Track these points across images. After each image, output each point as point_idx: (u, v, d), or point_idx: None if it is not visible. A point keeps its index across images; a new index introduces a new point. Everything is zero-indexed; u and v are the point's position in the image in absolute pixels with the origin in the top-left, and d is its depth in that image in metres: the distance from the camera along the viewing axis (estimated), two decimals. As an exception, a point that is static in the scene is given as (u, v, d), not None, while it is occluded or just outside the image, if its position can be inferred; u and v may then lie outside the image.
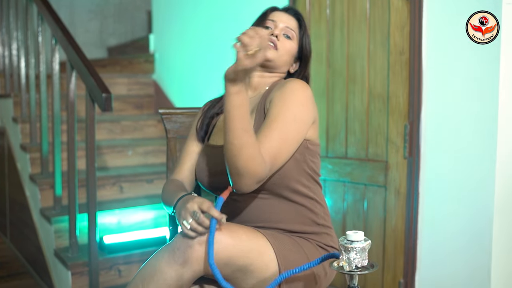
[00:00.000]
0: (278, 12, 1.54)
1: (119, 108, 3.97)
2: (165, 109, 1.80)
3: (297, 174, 1.40)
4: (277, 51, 1.46)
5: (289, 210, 1.42)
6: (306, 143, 1.41)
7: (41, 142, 2.92)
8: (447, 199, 2.11)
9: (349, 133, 2.51)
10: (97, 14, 5.15)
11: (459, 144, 2.06)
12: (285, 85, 1.39)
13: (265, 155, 1.26)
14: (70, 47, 2.48)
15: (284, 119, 1.32)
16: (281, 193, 1.39)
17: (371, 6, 2.37)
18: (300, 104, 1.35)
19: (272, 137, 1.29)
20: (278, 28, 1.48)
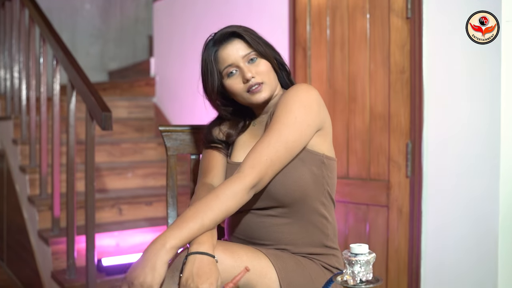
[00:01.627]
0: (221, 50, 1.39)
1: (120, 131, 3.96)
2: (165, 127, 1.79)
3: (318, 192, 1.37)
4: (263, 87, 1.37)
5: (300, 232, 1.38)
6: (322, 157, 1.37)
7: (40, 163, 2.90)
8: (450, 218, 2.08)
9: (350, 152, 2.49)
10: (98, 38, 5.19)
11: (461, 161, 2.04)
12: (290, 90, 1.37)
13: (253, 163, 1.25)
14: (71, 67, 2.49)
15: (284, 122, 1.30)
16: (299, 212, 1.36)
17: (371, 26, 2.38)
18: (302, 106, 1.32)
19: (270, 142, 1.28)
20: (241, 66, 1.37)
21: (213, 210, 1.22)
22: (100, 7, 5.21)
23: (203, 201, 1.23)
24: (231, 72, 1.39)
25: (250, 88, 1.37)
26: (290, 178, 1.32)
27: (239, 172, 1.26)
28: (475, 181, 2.00)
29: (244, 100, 1.41)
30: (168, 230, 1.18)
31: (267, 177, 1.28)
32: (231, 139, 1.49)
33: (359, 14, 2.43)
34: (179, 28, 3.95)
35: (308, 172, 1.34)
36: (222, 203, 1.22)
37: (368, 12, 2.39)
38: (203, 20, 3.64)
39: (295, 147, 1.31)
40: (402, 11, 2.23)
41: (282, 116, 1.30)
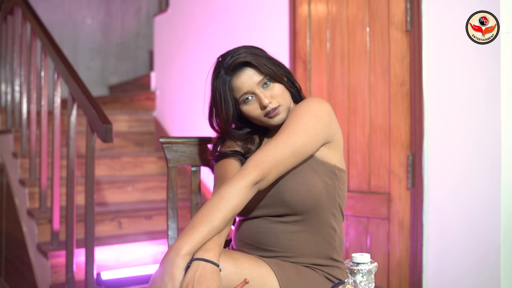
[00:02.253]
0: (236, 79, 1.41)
1: (120, 144, 3.97)
2: (166, 138, 1.79)
3: (330, 203, 1.39)
4: (281, 107, 1.41)
5: (309, 241, 1.39)
6: (334, 169, 1.40)
7: (40, 176, 2.90)
8: (452, 230, 2.07)
9: (351, 165, 2.49)
10: (99, 53, 5.22)
11: (463, 173, 2.04)
12: (302, 102, 1.41)
13: (257, 162, 1.27)
14: (72, 80, 2.50)
15: (294, 127, 1.33)
16: (310, 221, 1.37)
17: (370, 39, 2.39)
18: (313, 115, 1.35)
19: (277, 144, 1.31)
20: (257, 93, 1.39)
21: (220, 210, 1.23)
22: (101, 22, 5.25)
23: (209, 203, 1.25)
24: (247, 98, 1.42)
25: (268, 113, 1.40)
26: (304, 186, 1.34)
27: (242, 169, 1.28)
28: (476, 193, 1.99)
29: (262, 123, 1.45)
30: (180, 238, 1.20)
31: (270, 176, 1.30)
32: (251, 152, 1.50)
33: (359, 27, 2.45)
34: (180, 42, 3.97)
35: (321, 182, 1.36)
36: (228, 201, 1.24)
37: (368, 25, 2.41)
38: (203, 33, 3.66)
39: (302, 152, 1.33)
40: (402, 24, 2.25)
41: (293, 123, 1.34)
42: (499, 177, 1.91)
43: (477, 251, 1.98)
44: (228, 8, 3.41)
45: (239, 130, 1.50)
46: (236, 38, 3.29)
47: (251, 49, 1.43)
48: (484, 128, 1.96)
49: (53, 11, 4.95)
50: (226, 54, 1.44)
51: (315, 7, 2.65)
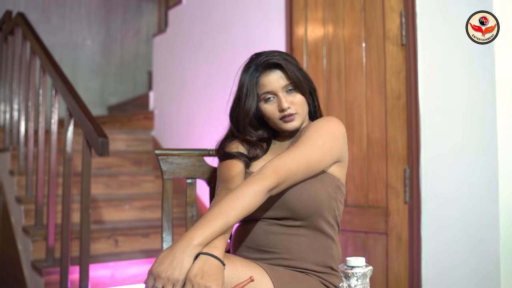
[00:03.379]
0: (264, 77, 1.48)
1: (118, 163, 3.96)
2: (161, 150, 1.79)
3: (328, 212, 1.42)
4: (296, 117, 1.47)
5: (308, 246, 1.41)
6: (338, 182, 1.45)
7: (36, 194, 2.88)
8: (450, 244, 2.05)
9: (348, 180, 2.47)
10: (99, 74, 5.25)
11: (460, 186, 2.02)
12: (320, 120, 1.46)
13: (276, 169, 1.30)
14: (69, 95, 2.51)
15: (313, 144, 1.37)
16: (309, 227, 1.40)
17: (366, 54, 2.41)
18: (331, 135, 1.41)
19: (295, 156, 1.34)
20: (280, 96, 1.46)
21: (236, 209, 1.24)
22: (101, 43, 5.30)
23: (226, 201, 1.25)
24: (269, 98, 1.48)
25: (284, 117, 1.46)
26: (307, 192, 1.37)
27: (261, 173, 1.30)
28: (474, 206, 1.97)
29: (275, 125, 1.50)
30: (193, 229, 1.21)
31: (284, 185, 1.33)
32: (257, 158, 1.53)
33: (355, 43, 2.46)
34: (178, 62, 4.00)
35: (324, 191, 1.40)
36: (244, 202, 1.25)
37: (364, 40, 2.42)
38: (201, 53, 3.69)
39: (316, 167, 1.38)
40: (397, 38, 2.27)
41: (313, 139, 1.39)
42: (497, 189, 1.89)
43: (477, 264, 1.96)
44: (226, 27, 3.44)
45: (253, 130, 1.54)
46: (234, 56, 3.32)
47: (285, 54, 1.50)
48: (481, 140, 1.95)
49: (53, 32, 5.01)
50: (261, 53, 1.52)
51: (312, 25, 2.68)
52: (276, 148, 1.55)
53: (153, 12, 5.45)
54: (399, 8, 2.25)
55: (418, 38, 2.17)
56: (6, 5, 4.42)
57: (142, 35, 5.45)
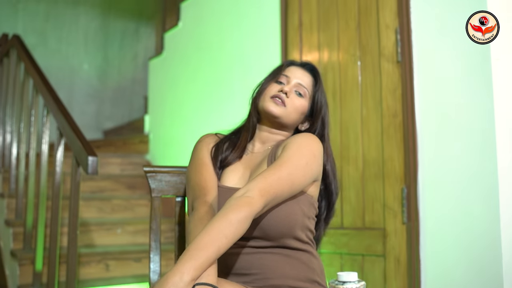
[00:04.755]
0: (294, 67, 1.51)
1: (111, 187, 3.89)
2: (150, 167, 1.73)
3: (300, 229, 1.36)
4: (285, 108, 1.43)
5: (286, 263, 1.34)
6: (312, 200, 1.40)
7: (25, 217, 2.81)
8: (451, 265, 1.97)
9: (344, 201, 2.41)
10: (95, 98, 5.24)
11: (460, 205, 1.96)
12: (301, 135, 1.41)
13: (262, 192, 1.23)
14: (60, 113, 2.46)
15: (296, 163, 1.31)
16: (284, 244, 1.33)
17: (362, 72, 2.37)
18: (313, 155, 1.35)
19: (280, 177, 1.27)
20: (290, 85, 1.46)
21: (228, 237, 1.15)
22: (98, 68, 5.30)
23: (216, 227, 1.16)
24: (281, 82, 1.47)
25: (275, 96, 1.43)
26: (283, 213, 1.31)
27: (248, 196, 1.22)
28: (475, 225, 1.90)
29: (261, 102, 1.46)
30: (184, 261, 1.10)
31: (266, 208, 1.26)
32: (227, 161, 1.48)
33: (350, 61, 2.43)
34: (174, 84, 3.98)
35: (300, 211, 1.35)
36: (236, 229, 1.17)
37: (359, 59, 2.39)
38: (197, 75, 3.67)
39: (297, 190, 1.33)
40: (393, 55, 2.23)
41: (296, 157, 1.33)
42: (497, 208, 1.83)
43: (479, 287, 1.87)
44: (221, 50, 3.43)
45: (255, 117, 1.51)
46: (229, 79, 3.29)
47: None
48: (481, 158, 1.90)
49: (50, 56, 5.00)
50: None
51: (307, 45, 2.66)
52: (248, 160, 1.48)
53: (151, 37, 5.47)
54: (394, 25, 2.23)
55: (413, 54, 2.14)
56: (4, 28, 4.42)
57: (139, 60, 5.46)
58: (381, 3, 2.30)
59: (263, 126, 1.49)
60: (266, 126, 1.48)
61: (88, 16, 5.32)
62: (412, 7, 2.16)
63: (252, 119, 1.50)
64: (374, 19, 2.33)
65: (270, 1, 2.95)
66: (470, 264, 1.91)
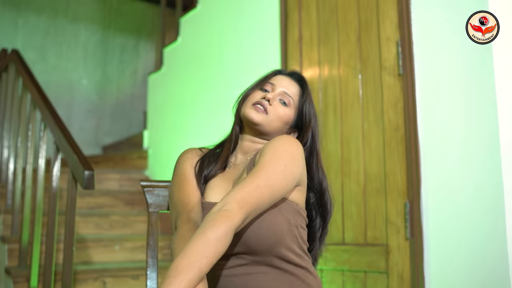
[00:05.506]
0: (281, 75, 1.46)
1: (110, 203, 3.84)
2: (147, 182, 1.70)
3: (289, 240, 1.26)
4: (266, 115, 1.37)
5: (278, 280, 1.25)
6: (297, 207, 1.31)
7: (21, 233, 2.76)
8: (456, 282, 1.92)
9: (346, 217, 2.36)
10: (94, 114, 5.22)
11: (465, 221, 1.91)
12: (277, 138, 1.32)
13: (241, 203, 1.16)
14: (57, 128, 2.44)
15: (273, 168, 1.24)
16: (272, 260, 1.24)
17: (363, 86, 2.35)
18: (291, 157, 1.28)
19: (259, 184, 1.20)
20: (275, 93, 1.40)
21: (208, 256, 1.08)
22: (97, 83, 5.29)
23: (194, 248, 1.09)
24: (266, 89, 1.43)
25: (257, 103, 1.38)
26: (265, 224, 1.23)
27: (226, 210, 1.15)
28: (480, 241, 1.86)
29: (243, 109, 1.42)
30: (166, 286, 1.04)
31: (248, 219, 1.18)
32: (210, 175, 1.41)
33: (351, 75, 2.41)
34: (173, 100, 3.95)
35: (284, 220, 1.26)
36: (215, 247, 1.10)
37: (360, 72, 2.37)
38: (197, 91, 3.65)
39: (279, 196, 1.25)
40: (394, 68, 2.21)
41: (272, 161, 1.25)
42: (504, 223, 1.78)
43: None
44: (221, 65, 3.41)
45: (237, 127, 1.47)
46: (228, 94, 3.27)
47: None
48: (485, 172, 1.86)
49: (49, 71, 5.00)
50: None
51: (307, 59, 2.64)
52: (230, 172, 1.41)
53: (150, 52, 5.47)
54: (395, 38, 2.21)
55: (415, 67, 2.12)
56: (4, 43, 4.42)
57: (139, 76, 5.45)
58: (382, 15, 2.29)
59: (245, 136, 1.43)
60: (248, 135, 1.43)
61: (88, 31, 5.32)
62: (413, 19, 2.14)
63: (235, 128, 1.46)
64: (375, 32, 2.31)
65: (269, 15, 2.94)
66: (476, 282, 1.86)
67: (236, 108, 1.48)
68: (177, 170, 1.46)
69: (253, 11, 3.16)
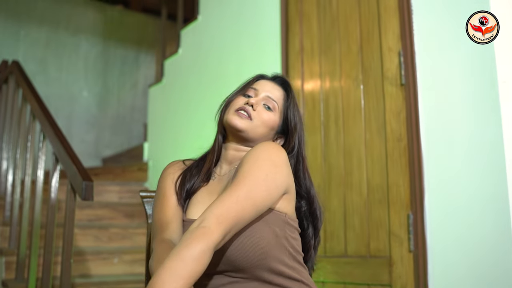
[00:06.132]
0: (264, 80, 1.41)
1: (109, 216, 3.80)
2: (146, 192, 1.67)
3: (279, 252, 1.19)
4: (250, 121, 1.31)
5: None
6: (286, 217, 1.23)
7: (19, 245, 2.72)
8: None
9: (348, 229, 2.33)
10: (94, 126, 5.20)
11: (470, 232, 1.88)
12: (258, 146, 1.25)
13: (220, 219, 1.08)
14: (56, 138, 2.41)
15: (254, 178, 1.16)
16: (262, 276, 1.17)
17: (365, 96, 2.33)
18: (273, 165, 1.20)
19: (239, 197, 1.13)
20: (258, 97, 1.34)
21: (184, 277, 1.00)
22: (97, 95, 5.28)
23: (168, 267, 1.01)
24: (249, 95, 1.37)
25: (240, 109, 1.32)
26: (250, 240, 1.16)
27: (203, 227, 1.07)
28: (486, 253, 1.82)
29: (226, 116, 1.35)
30: None
31: (230, 234, 1.11)
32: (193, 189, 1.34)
33: (353, 85, 2.39)
34: (173, 112, 3.94)
35: (271, 233, 1.19)
36: (192, 267, 1.02)
37: (362, 82, 2.35)
38: (197, 102, 3.63)
39: (263, 207, 1.17)
40: (396, 78, 2.19)
41: (252, 171, 1.17)
42: (510, 234, 1.75)
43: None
44: (221, 78, 3.40)
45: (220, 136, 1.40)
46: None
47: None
48: (491, 182, 1.83)
49: (50, 83, 4.99)
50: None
51: (308, 70, 2.62)
52: (215, 185, 1.34)
53: (151, 65, 5.47)
54: (397, 48, 2.20)
55: (418, 77, 2.10)
56: (5, 55, 4.41)
57: (139, 88, 5.44)
58: (384, 26, 2.27)
59: (229, 144, 1.36)
60: (233, 144, 1.35)
61: (89, 43, 5.33)
62: (415, 29, 2.13)
63: (218, 137, 1.39)
64: (377, 42, 2.30)
65: (270, 26, 2.94)
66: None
67: (219, 116, 1.41)
68: (157, 187, 1.40)
69: (254, 22, 3.15)
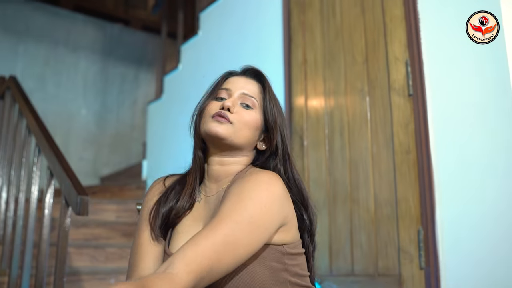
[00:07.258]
0: (234, 77, 1.24)
1: (106, 235, 3.70)
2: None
3: (278, 286, 1.08)
4: (231, 125, 1.14)
5: None
6: (284, 248, 1.10)
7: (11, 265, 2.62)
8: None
9: (355, 246, 2.23)
10: (93, 144, 5.13)
11: (484, 248, 1.78)
12: (249, 175, 1.10)
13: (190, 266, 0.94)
14: (51, 151, 2.33)
15: (237, 220, 1.01)
16: None
17: (371, 107, 2.25)
18: (261, 205, 1.04)
19: (215, 241, 0.98)
20: (233, 98, 1.18)
21: None
22: (96, 113, 5.21)
23: None
24: (221, 97, 1.20)
25: (216, 115, 1.15)
26: (243, 281, 1.05)
27: (171, 272, 0.93)
28: (501, 270, 1.72)
29: (202, 126, 1.19)
30: None
31: (206, 281, 0.98)
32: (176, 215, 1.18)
33: (358, 97, 2.32)
34: (173, 128, 3.87)
35: (267, 270, 1.07)
36: None
37: (368, 94, 2.28)
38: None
39: (246, 253, 1.02)
40: (403, 89, 2.12)
41: (235, 211, 1.02)
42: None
43: None
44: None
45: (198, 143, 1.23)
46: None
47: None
48: (504, 195, 1.74)
49: (48, 100, 4.93)
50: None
51: (312, 81, 2.56)
52: (201, 208, 1.19)
53: (151, 83, 5.42)
54: (404, 58, 2.13)
55: (426, 87, 2.03)
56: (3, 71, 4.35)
57: (139, 106, 5.39)
58: (390, 35, 2.21)
59: (212, 159, 1.19)
60: (215, 157, 1.18)
61: (88, 61, 5.29)
62: (423, 38, 2.07)
63: (197, 153, 1.21)
64: (383, 53, 2.23)
65: (272, 38, 2.88)
66: (499, 313, 1.72)
67: (194, 129, 1.24)
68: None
69: (256, 35, 3.10)
